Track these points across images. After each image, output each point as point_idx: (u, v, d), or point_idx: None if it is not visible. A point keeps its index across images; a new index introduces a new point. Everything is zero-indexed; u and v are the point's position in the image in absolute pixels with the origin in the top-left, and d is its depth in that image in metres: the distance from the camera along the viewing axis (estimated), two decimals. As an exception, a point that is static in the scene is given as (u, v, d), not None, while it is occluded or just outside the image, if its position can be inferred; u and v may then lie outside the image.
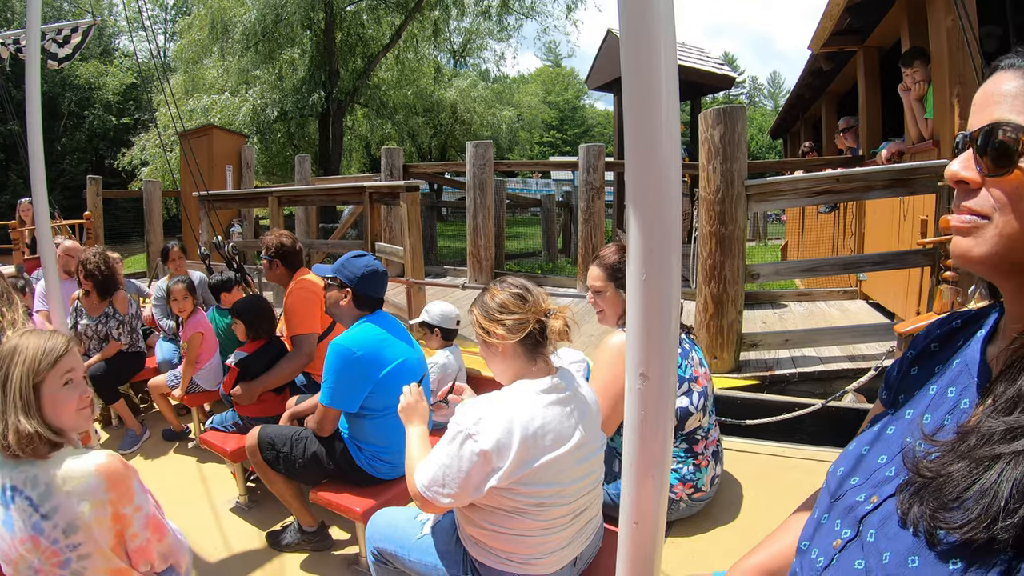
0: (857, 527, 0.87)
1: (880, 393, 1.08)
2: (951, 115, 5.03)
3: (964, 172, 0.79)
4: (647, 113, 1.04)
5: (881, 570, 0.78)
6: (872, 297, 6.56)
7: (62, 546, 1.49)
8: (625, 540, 1.26)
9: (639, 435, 1.18)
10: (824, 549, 0.92)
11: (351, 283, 2.84)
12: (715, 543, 2.57)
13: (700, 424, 2.61)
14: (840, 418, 3.66)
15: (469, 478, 1.65)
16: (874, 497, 0.87)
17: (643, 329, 1.12)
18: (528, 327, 1.75)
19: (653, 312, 1.10)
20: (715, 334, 4.76)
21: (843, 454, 1.02)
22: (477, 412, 1.67)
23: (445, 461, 1.68)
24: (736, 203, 4.60)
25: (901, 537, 0.77)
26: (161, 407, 4.45)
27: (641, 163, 1.06)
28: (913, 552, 0.75)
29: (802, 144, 11.18)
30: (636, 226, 1.08)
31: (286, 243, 3.90)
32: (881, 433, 0.97)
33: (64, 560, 1.50)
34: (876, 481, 0.89)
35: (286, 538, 3.05)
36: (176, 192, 13.34)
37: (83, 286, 4.44)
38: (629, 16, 1.03)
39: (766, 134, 31.64)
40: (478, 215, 8.94)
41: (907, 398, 0.97)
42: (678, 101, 1.08)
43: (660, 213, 1.06)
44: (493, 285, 1.85)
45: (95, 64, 27.70)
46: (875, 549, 0.81)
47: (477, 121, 24.73)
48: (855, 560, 0.84)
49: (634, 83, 1.04)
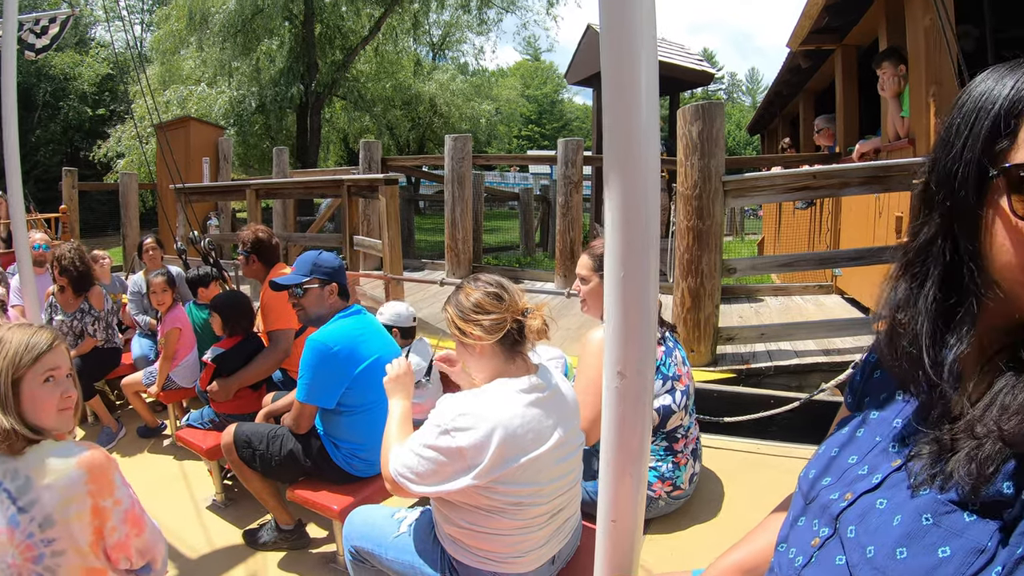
0: (834, 524, 0.87)
1: (845, 398, 1.08)
2: (927, 114, 5.09)
3: None
4: (627, 109, 1.03)
5: (867, 564, 0.78)
6: (847, 292, 6.63)
7: (36, 540, 1.46)
8: (603, 538, 1.26)
9: (617, 433, 1.18)
10: (802, 548, 0.91)
11: (333, 278, 2.85)
12: (693, 541, 2.58)
13: (681, 423, 2.62)
14: (815, 412, 3.69)
15: (443, 472, 1.64)
16: (848, 494, 0.87)
17: (621, 327, 1.11)
18: (506, 327, 1.73)
19: (631, 310, 1.10)
20: (692, 328, 4.78)
21: (814, 457, 1.02)
22: (458, 407, 1.66)
23: (421, 451, 1.67)
24: (713, 198, 4.62)
25: (886, 530, 0.78)
26: (135, 405, 4.39)
27: (620, 159, 1.05)
28: (901, 544, 0.75)
29: (781, 140, 11.28)
30: (614, 223, 1.07)
31: (262, 238, 3.85)
32: (850, 436, 0.96)
33: (38, 555, 1.47)
34: (849, 480, 0.89)
35: (263, 536, 3.02)
36: (152, 185, 13.13)
37: (58, 282, 4.36)
38: (610, 12, 1.02)
39: (744, 130, 31.90)
40: (456, 208, 8.91)
41: (872, 401, 0.98)
42: (658, 97, 1.07)
43: (638, 211, 1.06)
44: (467, 283, 1.82)
45: (71, 54, 27.12)
46: (857, 544, 0.81)
47: (456, 115, 24.60)
48: (835, 556, 0.84)
49: (614, 79, 1.03)
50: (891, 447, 0.87)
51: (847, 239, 6.62)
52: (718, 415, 3.78)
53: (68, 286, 4.32)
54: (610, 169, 1.07)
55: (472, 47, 28.85)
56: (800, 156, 8.81)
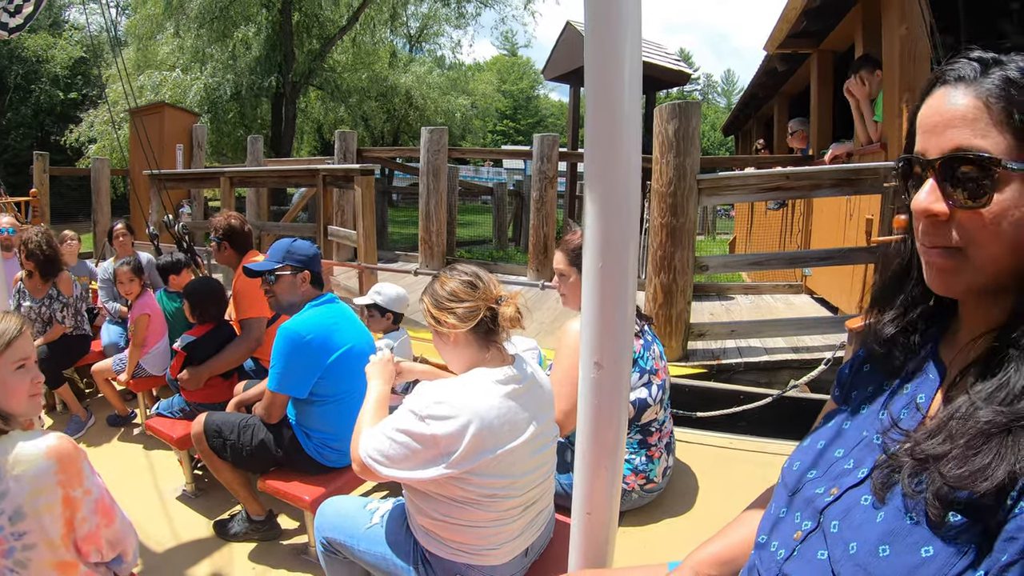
0: (818, 518, 0.88)
1: (833, 391, 1.10)
2: (899, 120, 5.18)
3: (935, 206, 0.78)
4: (609, 105, 1.04)
5: (849, 560, 0.79)
6: (816, 292, 6.73)
7: (7, 534, 1.42)
8: (578, 531, 1.28)
9: (593, 424, 1.19)
10: (784, 541, 0.92)
11: (306, 265, 2.82)
12: (667, 534, 2.61)
13: (656, 416, 2.64)
14: (785, 408, 3.76)
15: (415, 458, 1.64)
16: (834, 489, 0.88)
17: (598, 318, 1.13)
18: (479, 315, 1.73)
19: (609, 301, 1.11)
20: (664, 323, 4.84)
21: (797, 449, 1.03)
22: (435, 395, 1.65)
23: (394, 436, 1.66)
24: (688, 196, 4.68)
25: (869, 527, 0.79)
26: (105, 392, 4.31)
27: (602, 154, 1.06)
28: (884, 542, 0.76)
29: (755, 142, 11.39)
30: (594, 215, 1.08)
31: (235, 224, 3.80)
32: (837, 429, 0.98)
33: (8, 549, 1.43)
34: (835, 474, 0.91)
35: (233, 527, 2.99)
36: (124, 171, 12.92)
37: (25, 266, 4.25)
38: (595, 11, 1.03)
39: (718, 131, 32.15)
40: (431, 201, 8.89)
41: (860, 395, 1.00)
42: (640, 95, 1.09)
43: (618, 203, 1.07)
44: (443, 273, 1.82)
45: (44, 36, 26.45)
46: (839, 539, 0.82)
47: (431, 107, 24.46)
48: (817, 551, 0.85)
49: (598, 77, 1.04)
50: (876, 441, 0.88)
51: (818, 240, 6.72)
52: (690, 409, 3.83)
53: (36, 271, 4.21)
54: (592, 162, 1.08)
55: (449, 40, 28.78)
56: (774, 157, 8.92)
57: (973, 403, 0.73)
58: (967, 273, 0.77)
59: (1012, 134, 0.73)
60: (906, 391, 0.90)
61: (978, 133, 0.74)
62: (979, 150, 0.74)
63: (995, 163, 0.73)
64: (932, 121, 0.79)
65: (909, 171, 0.83)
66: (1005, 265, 0.75)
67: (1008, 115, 0.73)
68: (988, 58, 0.78)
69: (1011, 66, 0.76)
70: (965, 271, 0.78)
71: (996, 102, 0.74)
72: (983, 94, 0.75)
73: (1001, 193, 0.73)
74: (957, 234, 0.77)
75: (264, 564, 2.82)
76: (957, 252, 0.78)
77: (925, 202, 0.79)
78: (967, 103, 0.76)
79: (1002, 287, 0.77)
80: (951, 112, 0.77)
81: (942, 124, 0.78)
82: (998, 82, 0.75)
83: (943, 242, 0.78)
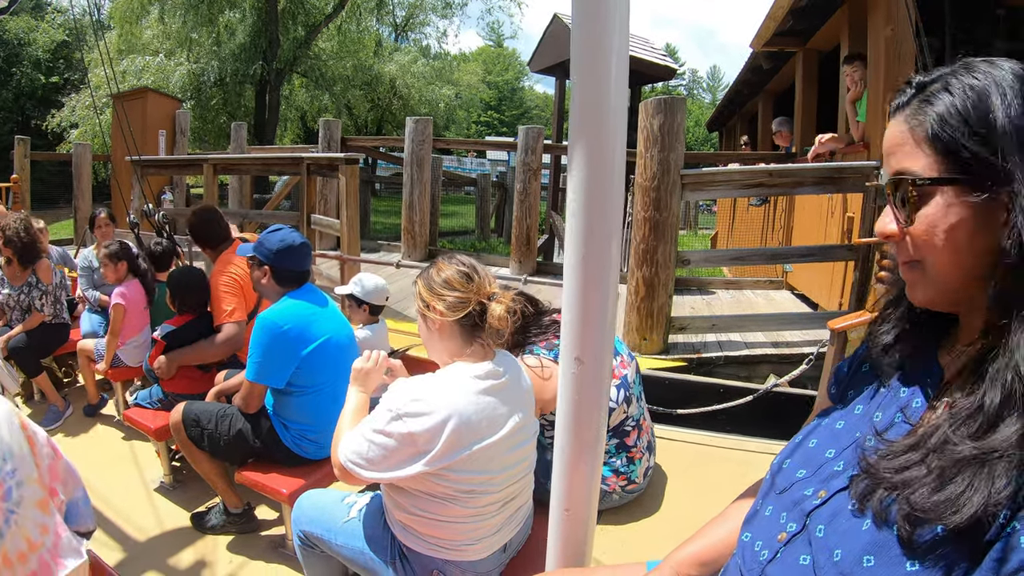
0: (804, 521, 0.87)
1: (829, 388, 1.09)
2: (883, 120, 5.22)
3: (888, 228, 0.84)
4: (596, 98, 1.03)
5: (833, 567, 0.78)
6: (797, 288, 6.78)
7: (4, 474, 1.38)
8: (556, 528, 1.26)
9: (573, 420, 1.18)
10: (768, 542, 0.91)
11: (267, 260, 2.75)
12: (645, 532, 2.61)
13: (627, 415, 2.63)
14: (765, 405, 3.78)
15: (393, 458, 1.62)
16: (822, 492, 0.87)
17: (579, 312, 1.11)
18: (468, 308, 1.70)
19: (590, 294, 1.09)
20: (645, 316, 4.87)
21: (789, 446, 1.02)
22: (411, 392, 1.62)
23: (372, 437, 1.64)
24: (671, 191, 4.71)
25: (854, 535, 0.78)
26: (85, 374, 4.26)
27: (587, 146, 1.04)
28: (868, 552, 0.75)
29: (740, 138, 11.44)
30: (577, 205, 1.07)
31: (193, 220, 3.70)
32: (830, 427, 0.97)
33: (7, 490, 1.38)
34: (824, 476, 0.90)
35: (211, 520, 2.96)
36: (106, 156, 12.73)
37: (3, 253, 4.17)
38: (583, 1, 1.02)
39: (703, 127, 32.25)
40: (414, 191, 8.86)
41: (856, 394, 0.99)
42: (627, 88, 1.07)
43: (602, 195, 1.06)
44: (441, 259, 1.80)
45: (25, 19, 25.90)
46: (824, 545, 0.81)
47: (415, 97, 24.33)
48: (800, 555, 0.84)
49: (585, 68, 1.03)
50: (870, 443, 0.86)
51: (799, 237, 6.77)
52: (669, 403, 3.84)
53: (14, 258, 4.15)
54: (576, 154, 1.06)
55: (435, 30, 28.67)
56: (757, 154, 8.97)
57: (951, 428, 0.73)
58: (927, 283, 0.82)
59: (932, 151, 0.78)
60: (902, 395, 0.89)
61: (907, 156, 0.80)
62: (907, 172, 0.80)
63: (911, 182, 0.78)
64: (885, 148, 0.86)
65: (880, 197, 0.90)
66: (954, 274, 0.79)
67: (924, 133, 0.78)
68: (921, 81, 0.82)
69: (934, 86, 0.80)
70: (926, 282, 0.82)
71: (916, 124, 0.80)
72: (908, 118, 0.81)
73: (927, 207, 0.78)
74: (911, 249, 0.82)
75: (241, 556, 2.79)
76: (917, 265, 0.82)
77: (879, 224, 0.86)
78: (898, 129, 0.82)
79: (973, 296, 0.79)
80: (890, 139, 0.84)
81: (888, 151, 0.84)
82: (917, 104, 0.80)
83: (905, 257, 0.84)
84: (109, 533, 2.92)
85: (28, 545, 1.37)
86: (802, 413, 3.48)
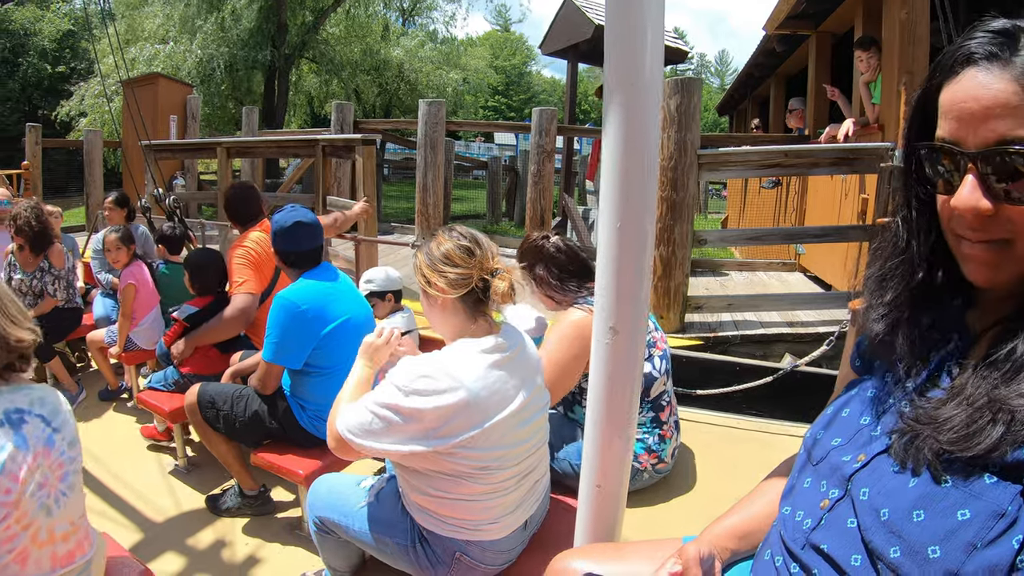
0: (845, 486, 0.85)
1: (853, 361, 1.06)
2: (897, 102, 5.19)
3: (982, 204, 0.72)
4: (630, 75, 0.99)
5: (881, 527, 0.76)
6: (810, 270, 6.75)
7: (66, 458, 1.52)
8: (587, 503, 1.23)
9: (606, 393, 1.14)
10: (810, 511, 0.90)
11: (273, 246, 2.74)
12: (675, 511, 2.56)
13: (665, 388, 2.59)
14: (782, 382, 3.75)
15: (395, 432, 1.58)
16: (861, 455, 0.86)
17: (614, 280, 1.07)
18: (471, 284, 1.65)
19: (626, 262, 1.05)
20: (662, 295, 4.88)
21: (820, 420, 1.00)
22: (419, 369, 1.58)
23: (376, 409, 1.60)
24: (688, 171, 4.70)
25: (900, 492, 0.76)
26: (98, 362, 4.26)
27: (622, 119, 1.00)
28: (917, 507, 0.73)
29: (750, 121, 11.32)
30: (611, 172, 1.03)
31: (230, 193, 3.70)
32: (861, 396, 0.95)
33: (64, 473, 1.52)
34: (861, 441, 0.88)
35: (226, 502, 2.95)
36: (117, 143, 12.72)
37: (15, 240, 4.19)
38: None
39: (712, 111, 31.96)
40: (428, 174, 8.82)
41: (883, 364, 0.96)
42: (662, 62, 1.03)
43: (637, 165, 1.02)
44: (441, 232, 1.74)
45: (32, 9, 25.87)
46: (869, 506, 0.79)
47: (423, 82, 24.18)
48: (847, 519, 0.83)
49: (620, 42, 0.99)
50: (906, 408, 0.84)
51: (812, 219, 6.75)
52: (687, 383, 3.82)
53: (26, 245, 4.16)
54: (610, 120, 1.02)
55: (443, 14, 28.48)
56: (771, 136, 8.88)
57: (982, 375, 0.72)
58: (1013, 263, 0.74)
59: None
60: (932, 358, 0.87)
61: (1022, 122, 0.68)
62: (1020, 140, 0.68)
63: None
64: (968, 108, 0.72)
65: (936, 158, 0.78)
66: None
67: None
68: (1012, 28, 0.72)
69: None
70: (1010, 262, 0.74)
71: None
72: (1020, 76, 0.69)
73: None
74: (1004, 227, 0.72)
75: (257, 539, 2.78)
76: (1003, 244, 0.74)
77: (970, 199, 0.73)
78: (1005, 88, 0.69)
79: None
80: (989, 98, 0.70)
81: (980, 112, 0.71)
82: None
83: (988, 236, 0.74)
84: (125, 516, 2.93)
85: (71, 526, 1.50)
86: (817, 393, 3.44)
